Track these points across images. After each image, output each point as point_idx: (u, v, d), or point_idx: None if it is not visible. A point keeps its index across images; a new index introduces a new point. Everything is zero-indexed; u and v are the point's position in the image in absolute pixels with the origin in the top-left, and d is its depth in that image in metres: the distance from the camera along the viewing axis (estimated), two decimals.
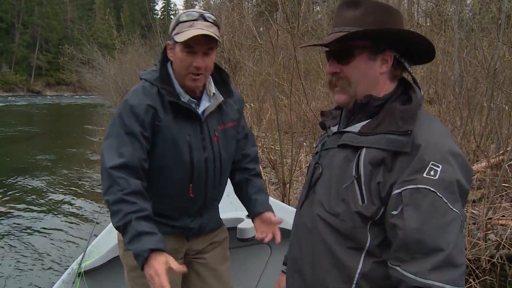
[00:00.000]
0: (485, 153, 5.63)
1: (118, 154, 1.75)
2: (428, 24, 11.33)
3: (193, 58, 1.80)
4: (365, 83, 1.34)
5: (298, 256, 1.40)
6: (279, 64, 6.82)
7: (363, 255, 1.24)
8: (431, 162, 1.14)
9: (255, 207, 2.05)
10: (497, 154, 5.39)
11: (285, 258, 1.67)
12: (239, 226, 2.79)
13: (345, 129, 1.36)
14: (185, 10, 1.86)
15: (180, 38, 1.76)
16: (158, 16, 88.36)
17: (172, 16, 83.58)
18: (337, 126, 1.45)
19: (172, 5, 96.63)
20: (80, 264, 2.76)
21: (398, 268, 1.14)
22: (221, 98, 1.96)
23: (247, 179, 2.13)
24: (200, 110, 1.91)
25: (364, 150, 1.25)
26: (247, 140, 2.18)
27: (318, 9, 17.91)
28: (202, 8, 21.60)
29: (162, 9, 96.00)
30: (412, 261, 1.12)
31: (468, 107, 5.91)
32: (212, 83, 1.98)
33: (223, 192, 2.14)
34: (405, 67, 1.35)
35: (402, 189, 1.15)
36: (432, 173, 1.13)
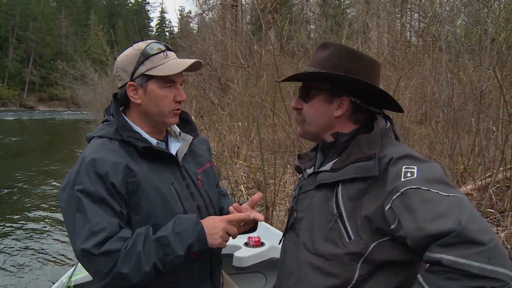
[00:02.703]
0: (472, 176, 5.59)
1: (91, 228, 1.38)
2: (420, 43, 11.45)
3: (174, 92, 1.59)
4: (318, 123, 1.38)
5: None
6: (263, 85, 6.82)
7: None
8: (404, 167, 1.14)
9: (224, 212, 1.78)
10: (484, 176, 5.35)
11: None
12: (236, 254, 2.75)
13: (319, 170, 1.37)
14: (145, 42, 1.62)
15: (163, 71, 1.54)
16: (153, 33, 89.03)
17: (167, 33, 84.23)
18: (313, 167, 1.46)
19: (167, 22, 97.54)
20: (70, 277, 2.64)
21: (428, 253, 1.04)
22: (190, 138, 1.73)
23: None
24: (173, 153, 1.65)
25: (339, 187, 1.25)
26: (218, 187, 1.96)
27: (311, 27, 18.08)
28: (197, 25, 21.75)
29: (157, 26, 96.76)
30: (432, 248, 1.02)
31: (456, 128, 5.91)
32: (174, 124, 1.73)
33: None
34: (370, 109, 1.36)
35: (390, 202, 1.12)
36: (409, 175, 1.12)
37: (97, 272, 1.41)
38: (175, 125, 1.73)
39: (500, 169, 4.88)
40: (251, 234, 2.76)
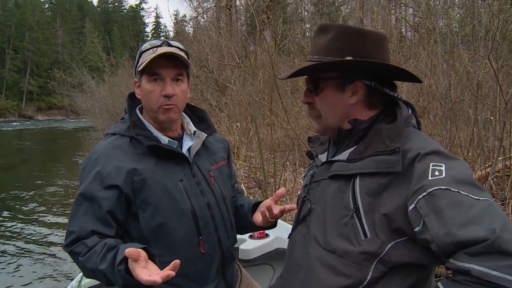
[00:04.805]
0: (472, 166, 5.59)
1: (70, 229, 1.53)
2: (415, 37, 11.44)
3: (161, 86, 1.57)
4: (334, 115, 1.27)
5: None
6: (259, 83, 6.83)
7: None
8: (431, 164, 1.05)
9: (245, 209, 1.81)
10: (484, 166, 5.35)
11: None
12: (241, 246, 2.72)
13: (333, 159, 1.28)
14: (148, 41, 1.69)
15: (143, 65, 1.56)
16: (149, 38, 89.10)
17: (162, 38, 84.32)
18: (326, 153, 1.37)
19: (162, 27, 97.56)
20: (80, 281, 2.61)
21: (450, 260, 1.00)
22: (204, 135, 1.75)
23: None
24: (183, 150, 1.68)
25: (357, 179, 1.16)
26: (235, 188, 1.99)
27: (306, 26, 18.09)
28: (192, 28, 21.76)
29: (153, 31, 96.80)
30: (459, 256, 0.97)
31: (454, 119, 5.90)
32: (191, 122, 1.78)
33: (236, 241, 1.84)
34: (386, 92, 1.25)
35: (415, 202, 1.03)
36: (437, 173, 1.03)
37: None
38: (190, 123, 1.77)
39: (500, 158, 4.88)
40: None
